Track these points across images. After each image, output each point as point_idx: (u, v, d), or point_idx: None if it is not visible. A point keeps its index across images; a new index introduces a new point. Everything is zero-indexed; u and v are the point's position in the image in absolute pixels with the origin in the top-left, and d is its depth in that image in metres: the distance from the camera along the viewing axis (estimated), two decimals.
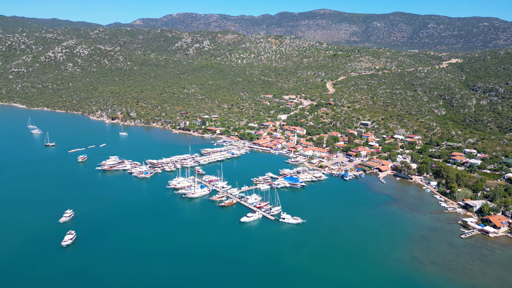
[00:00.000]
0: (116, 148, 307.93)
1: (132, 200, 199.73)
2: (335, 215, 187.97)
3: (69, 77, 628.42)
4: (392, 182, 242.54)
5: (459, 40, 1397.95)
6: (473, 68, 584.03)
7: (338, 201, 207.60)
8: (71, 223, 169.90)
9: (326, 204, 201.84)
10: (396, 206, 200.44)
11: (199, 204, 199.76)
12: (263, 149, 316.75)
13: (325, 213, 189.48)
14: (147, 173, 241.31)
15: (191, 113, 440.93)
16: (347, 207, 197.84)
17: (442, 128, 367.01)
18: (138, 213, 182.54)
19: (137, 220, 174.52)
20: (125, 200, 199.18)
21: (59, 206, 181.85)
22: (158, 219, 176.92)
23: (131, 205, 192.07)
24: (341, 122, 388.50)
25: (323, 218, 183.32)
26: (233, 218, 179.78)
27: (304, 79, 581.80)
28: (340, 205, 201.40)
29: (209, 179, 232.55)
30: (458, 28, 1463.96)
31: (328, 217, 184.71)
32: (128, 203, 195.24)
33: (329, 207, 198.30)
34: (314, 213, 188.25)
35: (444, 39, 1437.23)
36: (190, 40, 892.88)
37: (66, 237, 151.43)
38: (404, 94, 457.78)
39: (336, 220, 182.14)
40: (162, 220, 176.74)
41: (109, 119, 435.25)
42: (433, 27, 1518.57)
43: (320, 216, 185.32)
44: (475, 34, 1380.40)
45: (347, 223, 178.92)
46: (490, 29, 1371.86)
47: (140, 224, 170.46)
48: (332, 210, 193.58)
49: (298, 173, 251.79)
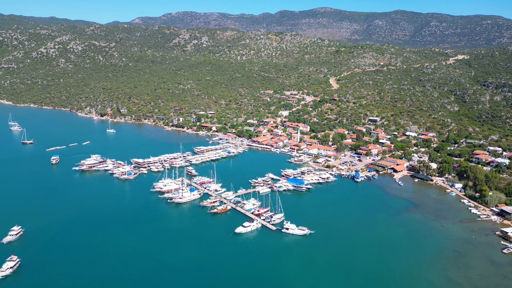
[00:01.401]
0: (101, 146, 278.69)
1: (108, 206, 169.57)
2: (348, 224, 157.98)
3: (60, 73, 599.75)
4: (410, 184, 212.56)
5: (462, 38, 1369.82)
6: (482, 64, 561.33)
7: (350, 207, 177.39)
8: (18, 243, 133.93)
9: (337, 211, 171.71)
10: (419, 213, 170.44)
11: (188, 210, 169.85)
12: (262, 147, 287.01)
13: (336, 222, 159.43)
14: (130, 174, 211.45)
15: (186, 110, 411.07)
16: (362, 214, 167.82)
17: (458, 124, 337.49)
18: (113, 224, 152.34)
19: (110, 233, 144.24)
20: (99, 206, 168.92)
21: (8, 220, 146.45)
22: (136, 231, 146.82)
23: (106, 213, 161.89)
24: (347, 118, 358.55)
25: (335, 228, 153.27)
26: (226, 228, 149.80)
27: (306, 75, 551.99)
28: (353, 211, 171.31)
29: (201, 181, 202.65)
30: (461, 26, 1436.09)
31: (340, 227, 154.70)
32: (102, 210, 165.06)
33: (340, 214, 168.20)
34: (323, 222, 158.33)
35: (447, 37, 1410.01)
36: (188, 37, 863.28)
37: (4, 266, 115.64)
38: (413, 90, 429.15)
39: (350, 230, 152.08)
40: (141, 231, 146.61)
41: (97, 115, 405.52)
42: (435, 25, 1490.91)
43: (331, 226, 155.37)
44: (478, 32, 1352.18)
45: (364, 234, 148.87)
46: (493, 27, 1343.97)
47: (113, 238, 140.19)
48: (344, 218, 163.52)
49: (302, 174, 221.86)
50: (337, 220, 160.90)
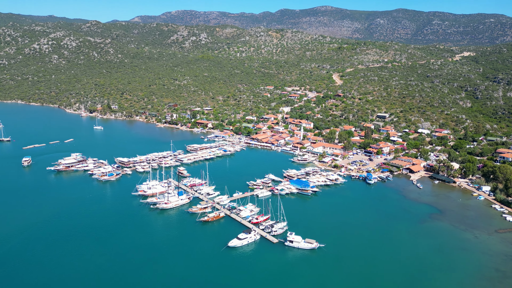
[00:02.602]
0: (85, 144, 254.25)
1: (80, 213, 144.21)
2: (364, 235, 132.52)
3: (52, 70, 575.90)
4: (430, 186, 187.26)
5: (464, 37, 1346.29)
6: (489, 61, 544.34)
7: (364, 213, 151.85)
8: None
9: (349, 219, 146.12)
10: (446, 221, 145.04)
11: (174, 218, 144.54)
12: (262, 145, 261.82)
13: (349, 232, 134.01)
14: (112, 175, 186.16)
15: (181, 106, 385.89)
16: (379, 223, 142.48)
17: (474, 121, 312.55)
18: (83, 235, 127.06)
19: (77, 248, 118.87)
20: (70, 213, 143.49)
21: None
22: (109, 245, 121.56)
23: (76, 222, 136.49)
24: (353, 114, 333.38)
25: (348, 240, 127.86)
26: (218, 241, 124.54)
27: (308, 71, 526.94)
28: (369, 219, 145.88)
29: (192, 183, 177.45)
30: (463, 24, 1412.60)
31: (354, 239, 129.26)
32: (73, 218, 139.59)
33: (353, 222, 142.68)
34: (334, 232, 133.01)
35: (450, 36, 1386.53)
36: (187, 33, 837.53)
37: None
38: (421, 85, 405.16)
39: (367, 243, 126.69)
40: (116, 245, 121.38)
41: (86, 112, 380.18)
42: (437, 24, 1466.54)
43: (343, 237, 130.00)
44: (481, 31, 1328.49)
45: (384, 248, 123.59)
46: (496, 25, 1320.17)
47: (80, 255, 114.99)
48: (358, 228, 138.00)
49: (307, 174, 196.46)
50: (350, 230, 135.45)
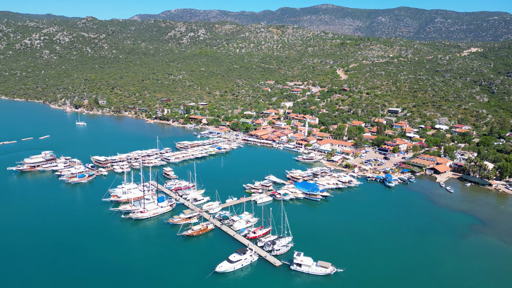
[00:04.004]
0: (62, 141, 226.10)
1: (31, 226, 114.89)
2: (392, 254, 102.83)
3: (43, 65, 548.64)
4: (461, 189, 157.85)
5: (468, 34, 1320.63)
6: (499, 56, 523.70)
7: (389, 224, 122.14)
8: None
9: (371, 232, 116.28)
10: (493, 235, 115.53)
11: (150, 231, 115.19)
12: (262, 142, 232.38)
13: (373, 251, 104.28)
14: (83, 176, 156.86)
15: (174, 101, 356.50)
16: (409, 238, 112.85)
17: (496, 116, 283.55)
18: (30, 256, 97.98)
19: (21, 272, 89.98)
20: (21, 225, 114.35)
21: None
22: (63, 267, 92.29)
23: (27, 237, 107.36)
24: (362, 109, 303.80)
25: (373, 263, 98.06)
26: (203, 263, 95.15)
27: (311, 67, 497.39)
28: (395, 232, 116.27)
29: (177, 186, 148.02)
30: (466, 22, 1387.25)
31: (381, 260, 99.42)
32: (24, 232, 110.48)
33: (377, 237, 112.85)
34: (354, 251, 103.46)
35: (453, 34, 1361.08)
36: (185, 29, 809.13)
37: None
38: (433, 80, 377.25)
39: (399, 267, 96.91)
40: (71, 268, 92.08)
41: (71, 107, 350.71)
42: (440, 22, 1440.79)
43: (367, 258, 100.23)
44: (485, 29, 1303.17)
45: (422, 272, 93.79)
46: (500, 23, 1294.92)
47: (22, 283, 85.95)
48: (384, 244, 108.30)
49: (314, 176, 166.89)
50: (373, 248, 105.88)
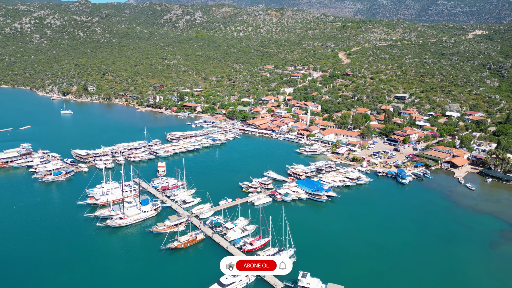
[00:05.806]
0: (44, 132, 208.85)
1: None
2: (415, 271, 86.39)
3: (33, 50, 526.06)
4: (482, 186, 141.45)
5: (470, 17, 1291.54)
6: (506, 38, 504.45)
7: (407, 231, 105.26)
8: None
9: (388, 241, 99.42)
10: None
11: (130, 242, 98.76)
12: (260, 132, 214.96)
13: (392, 268, 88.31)
14: (60, 173, 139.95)
15: (168, 87, 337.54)
16: (432, 248, 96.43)
17: (509, 102, 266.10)
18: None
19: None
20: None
21: None
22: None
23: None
24: (367, 95, 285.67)
25: (395, 284, 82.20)
26: (191, 285, 79.06)
27: (311, 50, 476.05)
28: (415, 241, 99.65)
29: (164, 185, 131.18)
30: (469, 4, 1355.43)
31: (403, 279, 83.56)
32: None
33: (395, 248, 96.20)
34: (369, 268, 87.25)
35: (455, 16, 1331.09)
36: (181, 12, 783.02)
37: None
38: (440, 63, 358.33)
39: (423, 286, 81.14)
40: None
41: (59, 94, 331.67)
42: (442, 4, 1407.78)
43: (386, 278, 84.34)
44: (488, 11, 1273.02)
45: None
46: (504, 5, 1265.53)
47: None
48: (404, 257, 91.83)
49: (319, 171, 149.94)
50: (391, 263, 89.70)
